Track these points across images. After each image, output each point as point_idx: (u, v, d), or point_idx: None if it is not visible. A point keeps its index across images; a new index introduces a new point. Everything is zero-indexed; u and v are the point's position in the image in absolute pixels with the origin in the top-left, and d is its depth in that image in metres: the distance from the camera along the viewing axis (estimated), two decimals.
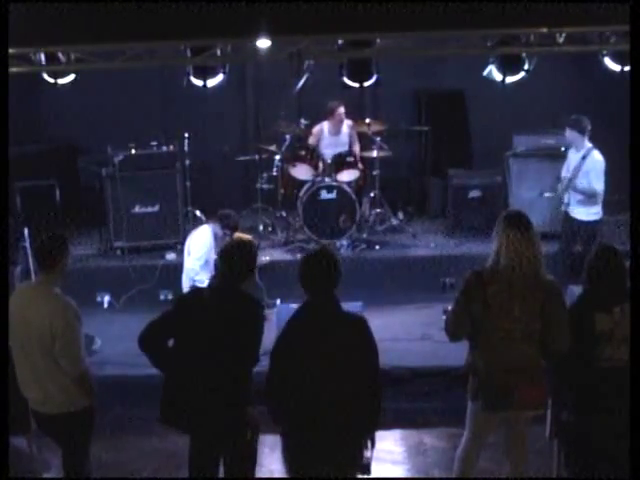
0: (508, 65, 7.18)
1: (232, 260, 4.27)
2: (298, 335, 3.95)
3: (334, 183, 8.80)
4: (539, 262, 4.32)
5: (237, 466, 4.39)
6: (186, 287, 7.19)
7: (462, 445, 4.70)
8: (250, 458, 4.42)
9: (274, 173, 9.28)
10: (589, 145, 7.40)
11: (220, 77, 7.39)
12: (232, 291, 4.25)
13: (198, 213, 9.24)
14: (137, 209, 8.76)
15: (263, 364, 4.10)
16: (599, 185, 7.24)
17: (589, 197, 7.33)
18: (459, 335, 4.47)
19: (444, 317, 7.57)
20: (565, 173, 7.66)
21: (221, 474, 4.46)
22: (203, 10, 6.02)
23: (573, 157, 7.50)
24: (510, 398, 4.35)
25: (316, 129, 9.39)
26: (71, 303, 4.43)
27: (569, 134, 7.41)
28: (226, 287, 4.26)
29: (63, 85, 7.27)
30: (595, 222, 7.42)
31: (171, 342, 4.32)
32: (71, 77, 7.23)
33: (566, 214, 7.57)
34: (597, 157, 7.31)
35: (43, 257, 4.45)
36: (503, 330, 4.30)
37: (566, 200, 7.46)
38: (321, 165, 8.95)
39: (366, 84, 7.57)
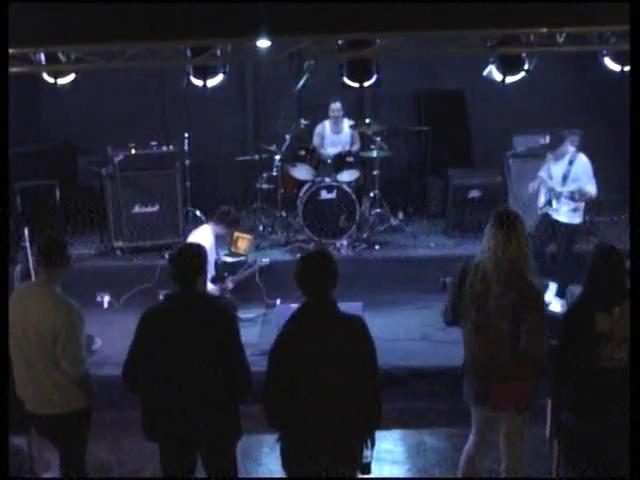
0: (508, 65, 7.18)
1: (180, 264, 4.27)
2: (296, 336, 3.94)
3: (334, 183, 8.80)
4: (523, 262, 4.30)
5: (218, 469, 4.38)
6: None
7: (467, 444, 4.72)
8: (230, 461, 4.41)
9: (274, 173, 9.28)
10: (573, 149, 7.45)
11: (220, 77, 7.39)
12: (188, 295, 4.24)
13: (198, 213, 9.25)
14: (137, 209, 8.76)
15: (262, 364, 4.10)
16: (592, 188, 7.30)
17: (582, 200, 7.37)
18: (447, 321, 4.59)
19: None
20: (543, 174, 7.63)
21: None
22: (203, 10, 6.02)
23: (558, 163, 7.48)
24: (485, 395, 4.38)
25: (318, 128, 9.43)
26: (74, 304, 4.44)
27: (560, 149, 7.43)
28: (182, 292, 4.26)
29: (63, 85, 7.26)
30: (577, 225, 7.49)
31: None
32: (71, 77, 7.22)
33: (546, 216, 7.55)
34: (585, 160, 7.39)
35: (45, 258, 4.46)
36: (474, 324, 4.35)
37: (554, 206, 7.45)
38: (321, 165, 8.96)
39: (366, 84, 7.56)
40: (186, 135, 9.25)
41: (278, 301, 7.51)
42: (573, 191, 7.28)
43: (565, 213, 7.43)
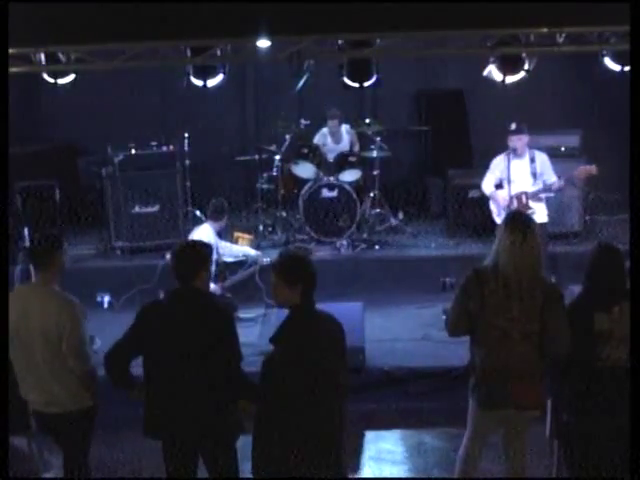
0: (508, 65, 7.18)
1: (182, 260, 4.27)
2: (281, 338, 3.97)
3: (336, 182, 8.81)
4: (539, 264, 4.31)
5: (219, 467, 4.38)
6: None
7: (463, 445, 4.69)
8: (230, 458, 4.41)
9: (274, 173, 9.28)
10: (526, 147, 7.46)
11: (220, 77, 7.39)
12: (187, 291, 4.24)
13: (198, 213, 9.24)
14: (137, 209, 8.76)
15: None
16: (555, 178, 7.33)
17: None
18: (457, 332, 4.48)
19: (444, 317, 7.61)
20: (490, 188, 7.56)
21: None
22: (203, 10, 6.02)
23: (518, 163, 7.45)
24: (506, 398, 4.34)
25: (318, 139, 9.38)
26: (75, 300, 4.45)
27: (524, 139, 7.38)
28: (181, 288, 4.26)
29: (63, 85, 7.27)
30: (547, 224, 7.48)
31: (137, 360, 4.28)
32: (71, 77, 7.23)
33: None
34: (543, 154, 7.43)
35: (38, 257, 4.46)
36: (499, 329, 4.29)
37: (532, 207, 7.34)
38: (323, 164, 8.96)
39: (366, 84, 7.55)
40: (186, 135, 9.24)
41: None
42: (552, 183, 7.28)
43: (541, 213, 7.35)
